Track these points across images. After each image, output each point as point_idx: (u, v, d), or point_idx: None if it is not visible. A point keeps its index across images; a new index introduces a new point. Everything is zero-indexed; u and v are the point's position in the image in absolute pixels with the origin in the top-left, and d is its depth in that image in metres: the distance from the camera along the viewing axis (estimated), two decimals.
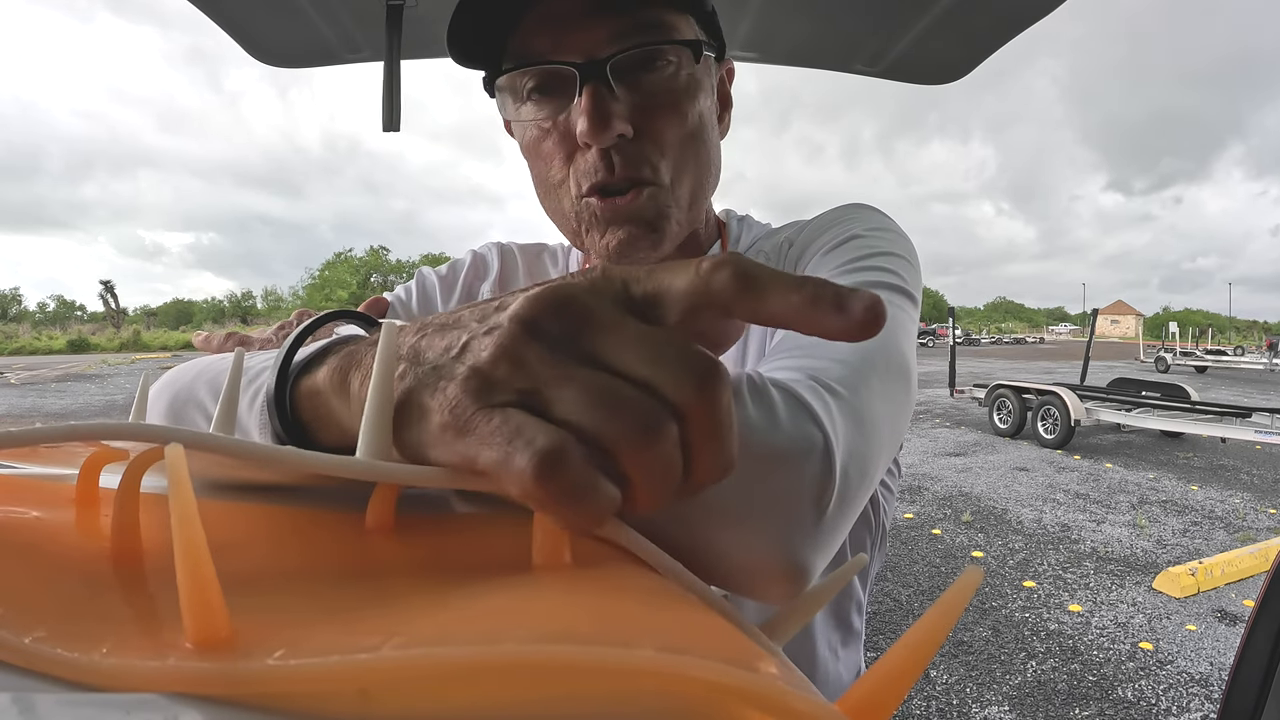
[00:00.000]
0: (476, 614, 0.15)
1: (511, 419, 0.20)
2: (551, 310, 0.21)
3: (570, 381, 0.20)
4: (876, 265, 0.48)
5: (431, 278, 0.69)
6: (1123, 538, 4.30)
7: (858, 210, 0.57)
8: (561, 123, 0.51)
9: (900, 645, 0.14)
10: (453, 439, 0.21)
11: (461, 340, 0.23)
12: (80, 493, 0.23)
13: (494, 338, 0.22)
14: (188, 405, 0.42)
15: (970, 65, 0.97)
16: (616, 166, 0.50)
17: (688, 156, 0.53)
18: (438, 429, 0.21)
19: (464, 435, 0.20)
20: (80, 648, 0.15)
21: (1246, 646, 0.97)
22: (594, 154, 0.50)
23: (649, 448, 0.19)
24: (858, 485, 0.34)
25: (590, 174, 0.51)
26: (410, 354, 0.24)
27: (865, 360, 0.39)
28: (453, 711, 0.12)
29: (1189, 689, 2.57)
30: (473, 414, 0.20)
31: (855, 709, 0.14)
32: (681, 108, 0.52)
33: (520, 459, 0.19)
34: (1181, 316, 74.85)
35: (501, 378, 0.21)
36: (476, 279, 0.69)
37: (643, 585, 0.18)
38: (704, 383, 0.20)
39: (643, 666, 0.12)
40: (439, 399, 0.22)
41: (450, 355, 0.23)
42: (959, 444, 7.36)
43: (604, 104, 0.48)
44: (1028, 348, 41.96)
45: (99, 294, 56.15)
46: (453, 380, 0.22)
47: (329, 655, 0.13)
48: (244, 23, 0.90)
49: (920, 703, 2.46)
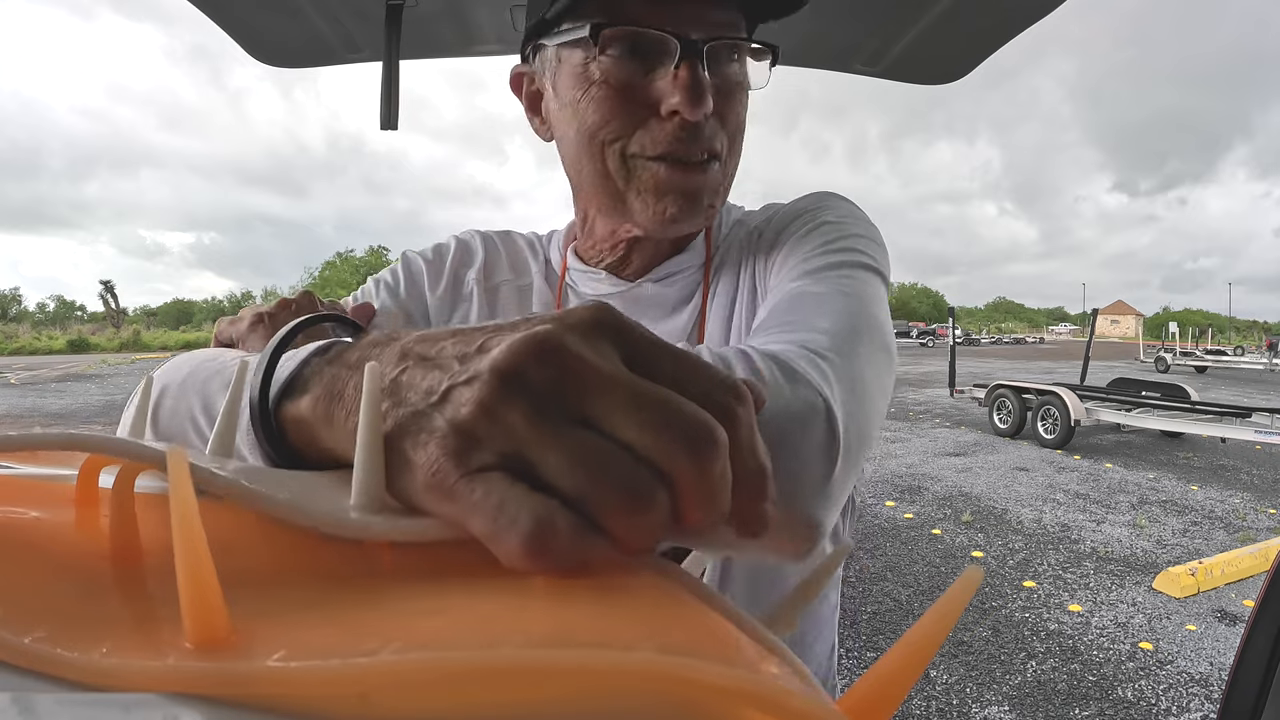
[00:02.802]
0: (476, 617, 0.15)
1: (494, 490, 0.19)
2: (536, 360, 0.20)
3: (555, 444, 0.19)
4: (849, 247, 0.53)
5: (419, 262, 0.69)
6: (1123, 538, 4.30)
7: (826, 198, 0.61)
8: (641, 86, 0.52)
9: (900, 645, 0.14)
10: (437, 502, 0.20)
11: (442, 386, 0.22)
12: (80, 493, 0.23)
13: (474, 391, 0.20)
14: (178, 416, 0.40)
15: (970, 65, 0.97)
16: (693, 139, 0.52)
17: (737, 144, 0.57)
18: (422, 489, 0.20)
19: (448, 501, 0.20)
20: (80, 648, 0.15)
21: (1246, 646, 0.97)
22: (675, 124, 0.52)
23: (635, 515, 0.19)
24: (858, 446, 0.37)
25: (668, 141, 0.52)
26: (391, 389, 0.23)
27: (853, 330, 0.43)
28: (452, 716, 0.12)
29: (1189, 689, 2.57)
30: (455, 481, 0.20)
31: (855, 708, 0.14)
32: (741, 99, 0.56)
33: (509, 538, 0.18)
34: (1181, 316, 74.81)
35: (482, 437, 0.20)
36: (462, 265, 0.69)
37: (641, 585, 0.18)
38: (699, 451, 0.19)
39: (643, 669, 0.12)
40: (421, 455, 0.21)
41: (430, 401, 0.22)
42: (959, 444, 7.36)
43: (701, 81, 0.50)
44: (1028, 348, 41.96)
45: (99, 294, 56.22)
46: (433, 436, 0.21)
47: (329, 658, 0.13)
48: (244, 22, 0.90)
49: (920, 703, 2.46)
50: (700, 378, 0.22)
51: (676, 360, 0.22)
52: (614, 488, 0.19)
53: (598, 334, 0.21)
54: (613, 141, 0.54)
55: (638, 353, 0.22)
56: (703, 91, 0.50)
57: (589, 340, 0.21)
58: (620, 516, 0.19)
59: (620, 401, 0.20)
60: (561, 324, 0.21)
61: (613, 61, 0.52)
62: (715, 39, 0.51)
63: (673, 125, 0.52)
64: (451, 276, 0.68)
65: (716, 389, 0.22)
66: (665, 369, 0.22)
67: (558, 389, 0.20)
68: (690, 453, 0.19)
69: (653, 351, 0.22)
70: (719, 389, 0.22)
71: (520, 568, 0.18)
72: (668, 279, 0.63)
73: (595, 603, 0.17)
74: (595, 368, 0.20)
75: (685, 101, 0.50)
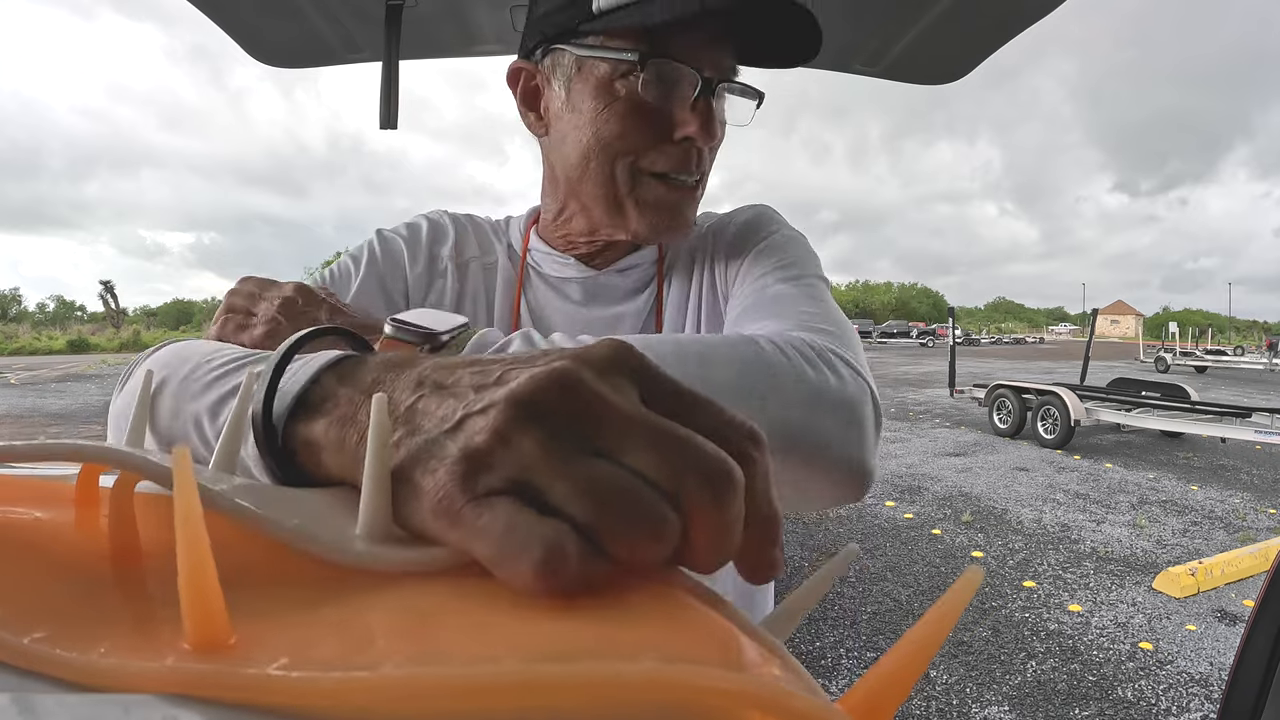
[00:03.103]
0: (475, 624, 0.15)
1: (500, 515, 0.19)
2: (555, 394, 0.20)
3: (566, 471, 0.19)
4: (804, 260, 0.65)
5: (396, 240, 0.71)
6: (1123, 538, 4.30)
7: (771, 214, 0.72)
8: (661, 110, 0.59)
9: (900, 645, 0.14)
10: (445, 528, 0.20)
11: (457, 415, 0.22)
12: (80, 493, 0.23)
13: (489, 420, 0.20)
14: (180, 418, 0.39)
15: (970, 65, 0.97)
16: (693, 162, 0.60)
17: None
18: (430, 515, 0.20)
19: (456, 527, 0.20)
20: (79, 648, 0.15)
21: (1246, 646, 0.97)
22: (682, 148, 0.59)
23: (647, 543, 0.19)
24: (882, 413, 0.51)
25: (673, 161, 0.60)
26: (406, 417, 0.23)
27: (848, 324, 0.57)
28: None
29: (1189, 689, 2.57)
30: (462, 506, 0.19)
31: (856, 708, 0.14)
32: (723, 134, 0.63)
33: (519, 563, 0.18)
34: (1181, 316, 74.83)
35: (493, 464, 0.20)
36: (436, 243, 0.72)
37: (642, 591, 0.18)
38: (717, 488, 0.19)
39: (646, 679, 0.12)
40: (430, 481, 0.21)
41: (444, 429, 0.22)
42: (959, 444, 7.37)
43: (714, 114, 0.59)
44: (1027, 348, 41.97)
45: (99, 294, 56.17)
46: (443, 463, 0.21)
47: (330, 670, 0.13)
48: (243, 23, 0.90)
49: (920, 703, 2.46)
50: (719, 421, 0.22)
51: (695, 402, 0.22)
52: (625, 514, 0.19)
53: (616, 371, 0.22)
54: (625, 154, 0.60)
55: (656, 391, 0.22)
56: (714, 124, 0.59)
57: (607, 377, 0.21)
58: (630, 543, 0.19)
59: (637, 437, 0.20)
60: (580, 360, 0.21)
61: (642, 84, 0.57)
62: (725, 80, 0.59)
63: (681, 149, 0.59)
64: (427, 254, 0.70)
65: (735, 433, 0.21)
66: (683, 410, 0.22)
67: (574, 421, 0.20)
68: (707, 489, 0.19)
69: (671, 391, 0.22)
70: (737, 433, 0.22)
71: (528, 593, 0.18)
72: (626, 270, 0.70)
73: (596, 610, 0.17)
74: (613, 404, 0.20)
75: (700, 130, 0.58)
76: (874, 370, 0.51)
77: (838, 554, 0.22)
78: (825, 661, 2.78)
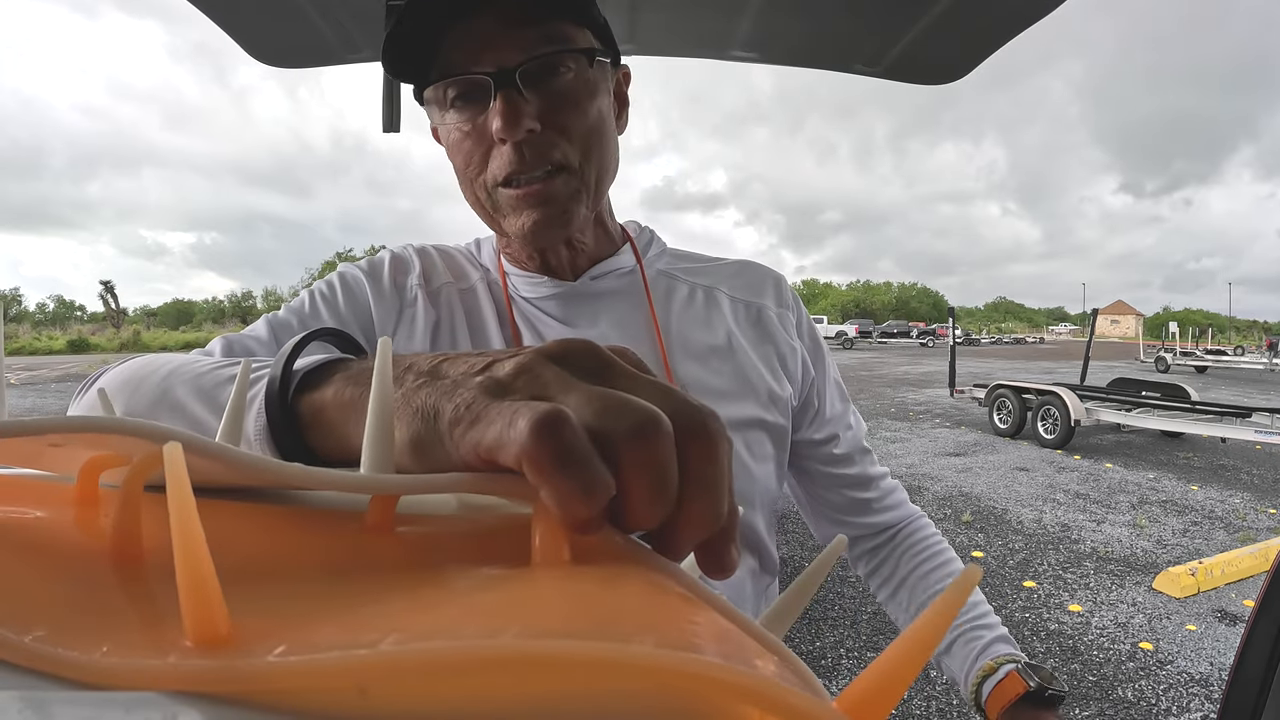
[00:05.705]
0: (475, 610, 0.15)
1: (518, 402, 0.22)
2: (576, 349, 0.24)
3: (578, 389, 0.22)
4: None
5: (356, 274, 0.70)
6: (1123, 538, 4.30)
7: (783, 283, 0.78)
8: (480, 124, 0.58)
9: (899, 643, 0.14)
10: (463, 431, 0.22)
11: (485, 361, 0.25)
12: (80, 493, 0.23)
13: (516, 359, 0.24)
14: (160, 408, 0.40)
15: (970, 65, 0.97)
16: (528, 156, 0.57)
17: (591, 146, 0.60)
18: (448, 425, 0.23)
19: (473, 425, 0.22)
20: (80, 646, 0.15)
21: (1246, 646, 0.97)
22: (508, 148, 0.57)
23: (645, 444, 0.20)
24: None
25: (505, 165, 0.58)
26: (430, 372, 0.27)
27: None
28: (451, 707, 0.13)
29: (1189, 689, 2.57)
30: (485, 407, 0.22)
31: (854, 706, 0.14)
32: (582, 105, 0.59)
33: (520, 421, 0.20)
34: (1182, 316, 74.78)
35: (517, 386, 0.23)
36: (399, 273, 0.70)
37: (642, 582, 0.18)
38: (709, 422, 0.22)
39: (641, 662, 0.12)
40: (454, 402, 0.23)
41: (471, 372, 0.25)
42: (959, 444, 7.37)
43: (515, 104, 0.55)
44: (1028, 348, 41.92)
45: (99, 294, 56.08)
46: (470, 388, 0.24)
47: (328, 651, 0.13)
48: (243, 23, 0.90)
49: (920, 703, 2.46)
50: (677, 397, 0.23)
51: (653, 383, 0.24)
52: (628, 418, 0.21)
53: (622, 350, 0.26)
54: (476, 178, 0.61)
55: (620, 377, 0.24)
56: (518, 114, 0.55)
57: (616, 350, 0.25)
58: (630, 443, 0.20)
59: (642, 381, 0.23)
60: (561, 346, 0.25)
61: (457, 111, 0.59)
62: (526, 62, 0.55)
63: (506, 151, 0.57)
64: (391, 284, 0.69)
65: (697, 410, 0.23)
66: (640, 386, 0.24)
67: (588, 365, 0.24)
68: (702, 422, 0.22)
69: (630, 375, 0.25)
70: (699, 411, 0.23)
71: (527, 455, 0.19)
72: (604, 276, 0.70)
73: (595, 596, 0.17)
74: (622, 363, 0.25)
75: (501, 126, 0.55)
76: (874, 370, 0.50)
77: (825, 548, 0.23)
78: (825, 661, 2.78)
